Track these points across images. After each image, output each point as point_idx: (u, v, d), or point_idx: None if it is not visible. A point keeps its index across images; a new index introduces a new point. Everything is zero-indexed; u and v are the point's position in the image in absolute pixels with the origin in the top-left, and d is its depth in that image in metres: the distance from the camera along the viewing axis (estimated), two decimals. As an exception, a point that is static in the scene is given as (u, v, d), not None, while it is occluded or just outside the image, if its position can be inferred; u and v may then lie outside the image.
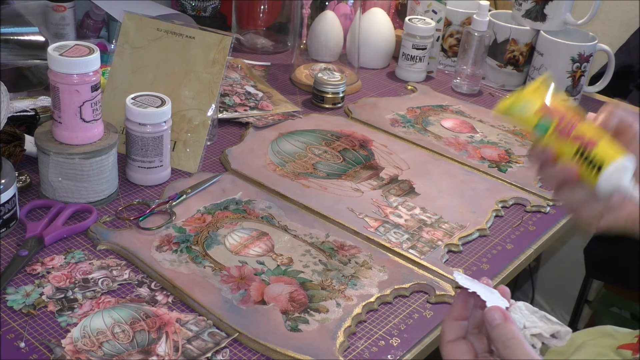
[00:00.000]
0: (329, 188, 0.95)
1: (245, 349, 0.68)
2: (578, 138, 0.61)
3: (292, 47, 1.41)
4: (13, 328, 0.67)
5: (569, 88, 1.29)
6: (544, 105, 0.64)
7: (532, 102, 0.64)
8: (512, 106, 0.65)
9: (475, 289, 0.57)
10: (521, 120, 0.65)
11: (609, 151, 0.60)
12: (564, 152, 0.62)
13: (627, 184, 0.59)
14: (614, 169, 0.59)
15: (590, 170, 0.60)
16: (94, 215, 0.83)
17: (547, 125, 0.63)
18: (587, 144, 0.61)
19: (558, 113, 0.63)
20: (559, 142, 0.62)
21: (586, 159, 0.61)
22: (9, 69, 1.07)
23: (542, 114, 0.63)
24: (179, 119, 0.96)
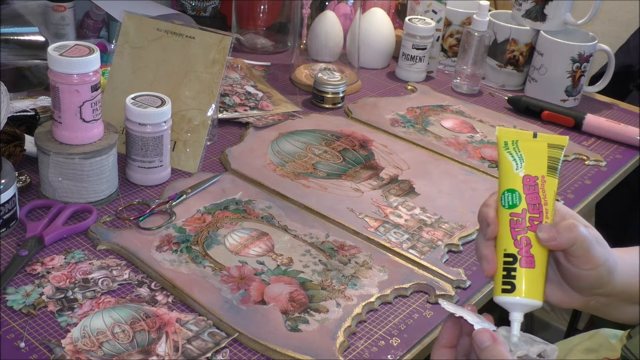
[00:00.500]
0: (329, 188, 0.95)
1: (245, 349, 0.68)
2: (522, 245, 0.56)
3: (292, 47, 1.41)
4: (13, 328, 0.67)
5: (569, 88, 1.29)
6: (530, 176, 0.57)
7: (528, 161, 0.58)
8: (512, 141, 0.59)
9: (462, 313, 0.57)
10: (504, 170, 0.58)
11: (530, 284, 0.55)
12: (501, 241, 0.57)
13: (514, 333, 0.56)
14: (512, 302, 0.56)
15: (501, 279, 0.56)
16: (94, 215, 0.83)
17: (514, 201, 0.57)
18: (522, 258, 0.56)
19: (533, 199, 0.57)
20: (506, 229, 0.57)
21: (509, 271, 0.56)
22: (9, 69, 1.07)
23: (523, 186, 0.57)
24: (179, 119, 0.96)
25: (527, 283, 0.56)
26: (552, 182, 0.58)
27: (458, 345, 0.59)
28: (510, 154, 0.59)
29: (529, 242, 0.56)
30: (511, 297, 0.56)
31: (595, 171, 1.10)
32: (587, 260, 0.56)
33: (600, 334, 1.00)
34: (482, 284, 0.81)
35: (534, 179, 0.57)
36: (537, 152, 0.58)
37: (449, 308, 0.58)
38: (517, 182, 0.58)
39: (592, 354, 0.97)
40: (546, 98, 1.28)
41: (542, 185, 0.57)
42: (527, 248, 0.56)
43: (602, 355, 0.96)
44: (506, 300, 0.57)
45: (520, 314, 0.57)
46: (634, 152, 1.18)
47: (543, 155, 0.58)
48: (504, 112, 1.26)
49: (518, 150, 0.59)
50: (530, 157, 0.58)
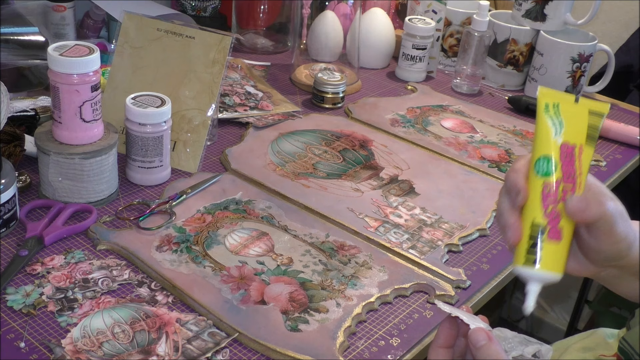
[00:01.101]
0: (329, 188, 0.95)
1: (245, 349, 0.68)
2: (552, 216, 0.54)
3: (292, 47, 1.41)
4: (13, 328, 0.67)
5: (569, 88, 1.29)
6: (568, 144, 0.55)
7: (568, 127, 0.55)
8: (553, 104, 0.56)
9: (457, 314, 0.57)
10: (542, 134, 0.56)
11: (554, 258, 0.54)
12: (529, 210, 0.55)
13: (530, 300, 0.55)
14: (533, 274, 0.54)
15: (525, 250, 0.55)
16: (94, 215, 0.83)
17: (549, 169, 0.55)
18: (550, 229, 0.54)
19: (569, 168, 0.54)
20: (537, 197, 0.55)
21: (535, 242, 0.54)
22: (9, 69, 1.07)
23: (560, 153, 0.55)
24: (179, 119, 0.96)
25: (552, 257, 0.54)
26: (588, 152, 0.55)
27: (455, 345, 0.60)
28: (551, 118, 0.56)
29: (559, 214, 0.54)
30: (533, 270, 0.54)
31: (595, 171, 1.10)
32: (609, 235, 0.55)
33: (598, 333, 1.00)
34: (482, 284, 0.82)
35: (572, 147, 0.55)
36: (578, 118, 0.56)
37: (445, 308, 0.58)
38: (555, 149, 0.55)
39: (589, 352, 0.97)
40: (546, 98, 1.28)
41: (579, 155, 0.55)
42: (556, 220, 0.54)
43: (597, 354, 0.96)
44: (528, 272, 0.55)
45: (539, 286, 0.55)
46: (634, 152, 1.18)
47: (583, 122, 0.56)
48: (504, 112, 1.26)
49: (559, 114, 0.56)
50: (570, 123, 0.55)
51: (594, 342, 0.99)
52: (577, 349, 0.98)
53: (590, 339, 1.00)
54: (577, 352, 0.98)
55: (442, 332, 0.59)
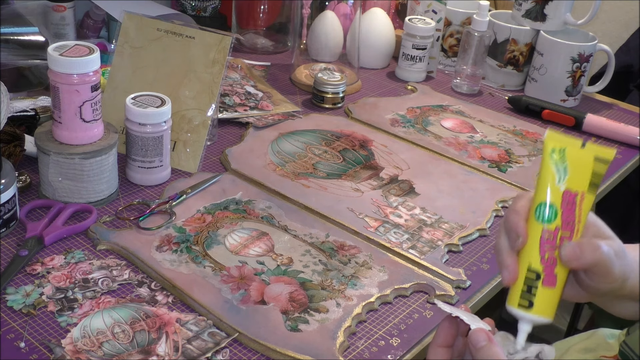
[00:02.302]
0: (329, 188, 0.95)
1: (245, 349, 0.68)
2: (548, 263, 0.55)
3: (292, 47, 1.41)
4: (13, 328, 0.67)
5: (569, 88, 1.29)
6: (570, 192, 0.55)
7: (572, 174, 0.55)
8: (559, 149, 0.56)
9: (457, 313, 0.57)
10: (545, 179, 0.56)
11: (548, 304, 0.55)
12: (526, 254, 0.56)
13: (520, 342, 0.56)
14: (526, 317, 0.55)
15: (519, 293, 0.55)
16: (94, 215, 0.83)
17: (550, 217, 0.55)
18: (546, 276, 0.55)
19: (569, 216, 0.55)
20: (535, 243, 0.55)
21: (530, 287, 0.55)
22: (9, 69, 1.07)
23: (562, 201, 0.55)
24: (179, 119, 0.96)
25: (545, 302, 0.55)
26: (589, 199, 0.56)
27: (454, 345, 0.60)
28: (555, 164, 0.56)
29: (555, 261, 0.55)
30: (527, 314, 0.56)
31: (595, 171, 1.10)
32: (606, 277, 0.56)
33: (598, 334, 1.00)
34: (482, 284, 0.81)
35: (574, 195, 0.55)
36: (583, 165, 0.56)
37: (445, 308, 0.58)
38: (557, 196, 0.55)
39: (590, 353, 0.97)
40: (546, 98, 1.28)
41: (580, 203, 0.55)
42: (552, 267, 0.55)
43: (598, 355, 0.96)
44: (520, 314, 0.56)
45: (530, 326, 0.56)
46: (634, 152, 1.18)
47: (588, 168, 0.55)
48: (504, 112, 1.26)
49: (564, 160, 0.56)
50: (574, 170, 0.55)
51: (594, 343, 0.99)
52: (577, 349, 0.98)
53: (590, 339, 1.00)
54: (578, 353, 0.97)
55: (442, 332, 0.59)
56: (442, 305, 0.59)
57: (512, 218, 0.57)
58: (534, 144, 1.15)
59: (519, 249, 0.56)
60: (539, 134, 1.18)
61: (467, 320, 0.56)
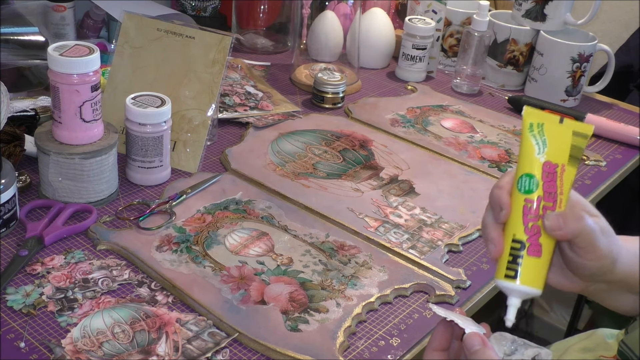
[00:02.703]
0: (329, 188, 0.95)
1: (245, 349, 0.68)
2: (532, 232, 0.55)
3: (292, 47, 1.41)
4: (13, 328, 0.67)
5: (569, 88, 1.29)
6: (551, 162, 0.56)
7: (551, 147, 0.56)
8: (537, 123, 0.57)
9: (452, 317, 0.57)
10: (526, 152, 0.57)
11: (534, 273, 0.56)
12: (510, 226, 0.56)
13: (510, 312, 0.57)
14: (513, 288, 0.56)
15: (506, 264, 0.56)
16: (94, 215, 0.83)
17: (531, 187, 0.56)
18: (530, 245, 0.55)
19: (550, 187, 0.56)
20: (519, 214, 0.56)
21: (515, 257, 0.56)
22: (9, 69, 1.07)
23: (542, 172, 0.56)
24: (179, 119, 0.96)
25: (531, 271, 0.56)
26: (571, 172, 0.57)
27: (450, 348, 0.60)
28: (534, 137, 0.57)
29: (539, 231, 0.56)
30: (513, 284, 0.56)
31: (595, 171, 1.10)
32: (591, 251, 0.56)
33: (598, 334, 1.00)
34: (482, 284, 0.81)
35: (554, 166, 0.56)
36: (562, 138, 0.57)
37: (440, 312, 0.58)
38: (537, 167, 0.56)
39: (589, 353, 0.97)
40: (546, 98, 1.28)
41: (561, 174, 0.56)
42: (536, 236, 0.56)
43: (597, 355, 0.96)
44: (507, 286, 0.57)
45: (518, 300, 0.57)
46: (634, 152, 1.18)
47: (567, 142, 0.57)
48: (504, 112, 1.26)
49: (543, 134, 0.57)
50: (553, 143, 0.57)
51: (594, 343, 0.99)
52: (577, 349, 0.98)
53: (590, 339, 1.00)
54: (577, 352, 0.97)
55: (437, 335, 0.60)
56: (437, 309, 0.59)
57: (495, 192, 0.58)
58: (534, 144, 1.15)
59: (503, 221, 0.57)
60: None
61: (461, 324, 0.57)
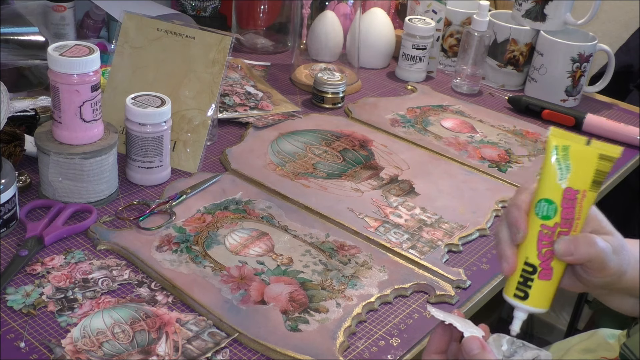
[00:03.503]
0: (329, 188, 0.95)
1: (245, 349, 0.68)
2: (545, 258, 0.56)
3: (292, 47, 1.41)
4: (13, 328, 0.67)
5: (569, 88, 1.29)
6: (572, 189, 0.55)
7: (574, 171, 0.55)
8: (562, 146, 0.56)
9: (451, 320, 0.57)
10: (547, 176, 0.56)
11: (543, 296, 0.57)
12: (525, 247, 0.57)
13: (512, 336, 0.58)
14: (521, 307, 0.57)
15: (516, 284, 0.57)
16: (94, 215, 0.83)
17: (549, 214, 0.56)
18: (542, 270, 0.56)
19: (568, 213, 0.55)
20: (534, 238, 0.56)
21: (526, 279, 0.57)
22: (9, 69, 1.07)
23: (562, 199, 0.55)
24: (179, 119, 0.96)
25: (541, 294, 0.57)
26: (591, 197, 0.56)
27: (448, 351, 0.60)
28: (558, 162, 0.55)
29: (552, 256, 0.56)
30: (521, 304, 0.58)
31: (595, 171, 1.10)
32: (601, 272, 0.57)
33: (599, 334, 1.00)
34: (482, 284, 0.81)
35: (575, 193, 0.55)
36: (586, 163, 0.55)
37: (438, 315, 0.59)
38: (558, 193, 0.55)
39: (590, 354, 0.97)
40: (546, 98, 1.28)
41: (582, 201, 0.55)
42: (548, 261, 0.56)
43: (599, 355, 0.96)
44: (516, 304, 0.58)
45: (525, 314, 0.58)
46: (634, 152, 1.18)
47: (591, 167, 0.55)
48: (504, 112, 1.26)
49: (567, 157, 0.55)
50: (577, 168, 0.55)
51: (594, 344, 0.99)
52: (578, 350, 0.98)
53: (591, 340, 1.00)
54: (578, 353, 0.98)
55: (435, 338, 0.60)
56: (435, 312, 0.59)
57: (513, 212, 0.58)
58: (534, 144, 1.15)
59: (519, 242, 0.57)
60: (539, 134, 1.18)
61: (460, 328, 0.57)
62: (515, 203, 0.58)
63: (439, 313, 0.59)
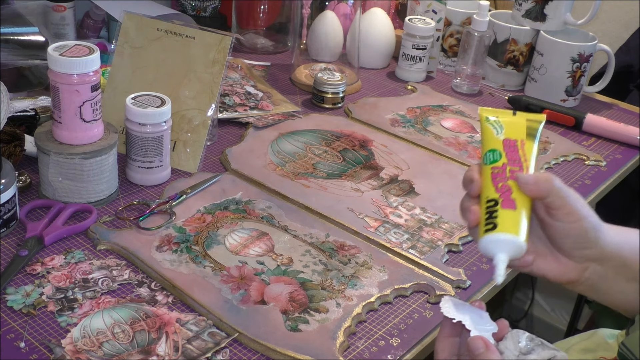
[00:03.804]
0: (329, 188, 0.95)
1: (245, 349, 0.68)
2: (503, 190, 0.59)
3: (292, 47, 1.41)
4: (13, 328, 0.67)
5: (569, 88, 1.29)
6: (510, 139, 0.61)
7: (507, 129, 0.62)
8: (491, 119, 0.63)
9: (461, 318, 0.58)
10: (486, 136, 0.63)
11: (511, 222, 0.58)
12: (483, 193, 0.60)
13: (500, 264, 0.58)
14: (494, 240, 0.58)
15: (483, 222, 0.59)
16: (94, 215, 0.83)
17: (495, 158, 0.61)
18: (503, 201, 0.58)
19: (513, 156, 0.60)
20: (488, 181, 0.60)
21: (491, 213, 0.58)
22: (9, 69, 1.07)
23: (503, 146, 0.61)
24: (179, 119, 0.96)
25: (509, 220, 0.58)
26: (530, 145, 0.61)
27: (462, 339, 0.60)
28: (492, 124, 0.63)
29: (510, 189, 0.59)
30: (493, 234, 0.58)
31: (595, 171, 1.10)
32: (566, 211, 0.58)
33: (598, 334, 1.00)
34: (482, 284, 0.82)
35: (514, 141, 0.61)
36: (517, 124, 0.62)
37: (449, 313, 0.59)
38: (498, 143, 0.61)
39: (589, 353, 0.97)
40: (546, 98, 1.28)
41: (522, 146, 0.61)
42: (507, 193, 0.59)
43: (598, 355, 0.96)
44: (489, 239, 0.58)
45: (505, 254, 0.58)
46: (634, 152, 1.18)
47: (522, 126, 0.62)
48: (504, 112, 1.26)
49: (499, 123, 0.63)
50: (509, 127, 0.62)
51: (594, 343, 0.99)
52: (577, 350, 0.98)
53: (590, 340, 1.00)
54: (578, 353, 0.98)
55: (447, 323, 0.61)
56: (446, 309, 0.59)
57: (466, 173, 0.63)
58: (534, 144, 1.15)
59: (476, 193, 0.61)
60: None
61: (468, 326, 0.57)
62: (469, 169, 0.63)
63: (450, 310, 0.59)
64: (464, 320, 0.57)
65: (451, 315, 0.58)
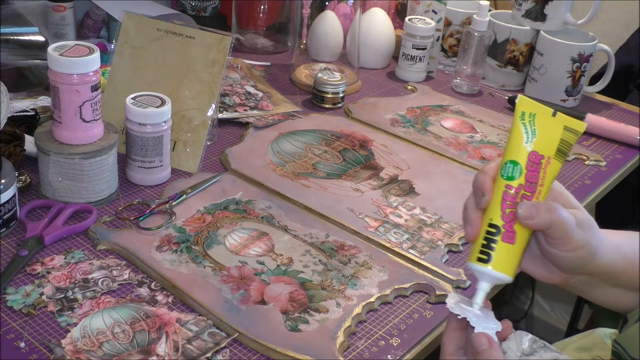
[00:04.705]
0: (329, 188, 0.95)
1: (245, 349, 0.68)
2: (508, 219, 0.56)
3: (292, 47, 1.41)
4: (13, 328, 0.67)
5: (569, 88, 1.29)
6: (537, 153, 0.57)
7: (540, 138, 0.57)
8: (529, 113, 0.58)
9: (466, 314, 0.58)
10: (514, 139, 0.58)
11: (505, 259, 0.57)
12: (489, 210, 0.58)
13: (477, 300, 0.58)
14: (484, 272, 0.57)
15: (479, 247, 0.57)
16: (94, 215, 0.83)
17: (514, 174, 0.57)
18: (505, 232, 0.56)
19: (532, 177, 0.56)
20: (498, 199, 0.57)
21: (489, 241, 0.57)
22: (9, 69, 1.07)
23: (527, 161, 0.57)
24: (179, 119, 0.96)
25: (503, 257, 0.57)
26: (556, 166, 0.57)
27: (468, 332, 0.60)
28: (524, 125, 0.57)
29: (515, 218, 0.57)
30: (484, 267, 0.57)
31: (595, 171, 1.10)
32: (565, 242, 0.57)
33: (596, 333, 1.00)
34: (482, 284, 0.81)
35: (540, 157, 0.57)
36: (552, 131, 0.57)
37: (455, 309, 0.59)
38: (523, 155, 0.57)
39: (585, 352, 0.97)
40: (546, 98, 1.28)
41: (546, 166, 0.57)
42: (511, 223, 0.57)
43: (594, 354, 0.96)
44: (479, 269, 0.58)
45: (489, 285, 0.58)
46: (634, 152, 1.18)
47: (557, 135, 0.57)
48: (504, 112, 1.26)
49: (533, 124, 0.57)
50: (543, 134, 0.57)
51: (590, 342, 0.99)
52: (573, 348, 0.98)
53: (587, 338, 1.00)
54: (573, 352, 0.97)
55: (454, 316, 0.60)
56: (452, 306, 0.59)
57: (479, 177, 0.59)
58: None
59: (484, 206, 0.58)
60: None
61: (472, 323, 0.57)
62: (483, 170, 0.59)
63: (455, 306, 0.59)
64: (469, 317, 0.57)
65: (456, 311, 0.58)
